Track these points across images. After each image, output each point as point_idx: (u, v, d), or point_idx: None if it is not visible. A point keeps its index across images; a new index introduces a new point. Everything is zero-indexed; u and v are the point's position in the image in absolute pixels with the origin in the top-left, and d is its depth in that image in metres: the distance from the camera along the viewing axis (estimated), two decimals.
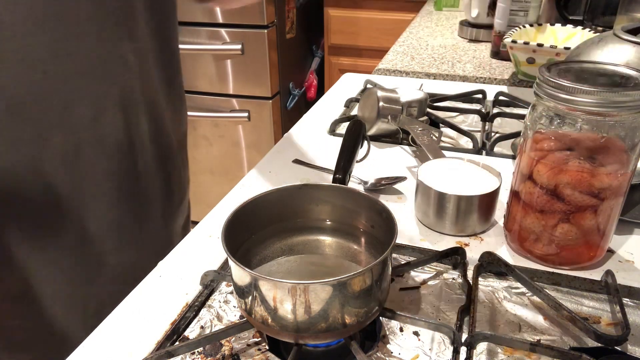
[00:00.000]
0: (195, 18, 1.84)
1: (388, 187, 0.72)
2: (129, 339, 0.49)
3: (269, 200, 0.52)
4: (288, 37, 1.98)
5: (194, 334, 0.49)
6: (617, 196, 0.52)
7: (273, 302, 0.42)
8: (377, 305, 0.45)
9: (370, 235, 0.52)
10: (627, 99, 0.46)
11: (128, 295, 0.54)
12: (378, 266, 0.42)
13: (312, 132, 0.90)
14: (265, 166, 0.79)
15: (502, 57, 1.27)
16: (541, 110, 0.52)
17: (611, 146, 0.50)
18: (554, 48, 1.03)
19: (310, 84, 2.23)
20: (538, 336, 0.48)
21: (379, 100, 0.82)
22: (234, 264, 0.42)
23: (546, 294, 0.49)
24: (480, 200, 0.60)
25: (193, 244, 0.62)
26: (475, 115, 0.94)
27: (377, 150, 0.83)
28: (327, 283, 0.40)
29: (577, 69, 0.53)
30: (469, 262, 0.56)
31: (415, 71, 1.21)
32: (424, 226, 0.64)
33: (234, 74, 1.91)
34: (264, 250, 0.51)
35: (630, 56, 0.70)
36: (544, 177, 0.52)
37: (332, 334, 0.43)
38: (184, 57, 0.76)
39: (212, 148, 2.08)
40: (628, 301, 0.52)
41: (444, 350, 0.47)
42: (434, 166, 0.67)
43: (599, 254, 0.56)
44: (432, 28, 1.59)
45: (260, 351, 0.47)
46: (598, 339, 0.45)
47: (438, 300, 0.53)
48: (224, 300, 0.53)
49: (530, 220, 0.55)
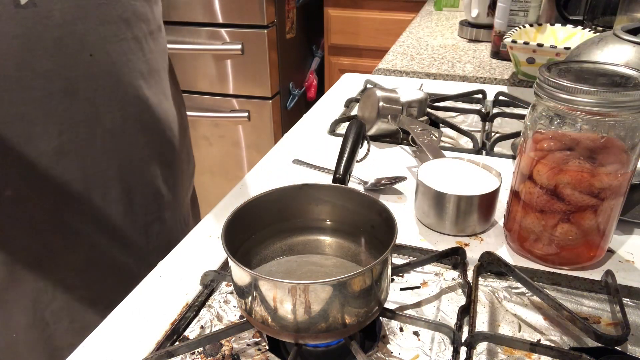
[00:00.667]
0: (195, 18, 1.84)
1: (388, 187, 0.72)
2: (129, 339, 0.49)
3: (269, 200, 0.52)
4: (288, 37, 1.98)
5: (194, 334, 0.49)
6: (617, 196, 0.52)
7: (273, 302, 0.41)
8: (377, 305, 0.45)
9: (370, 235, 0.52)
10: (627, 99, 0.46)
11: (128, 295, 0.54)
12: (378, 266, 0.42)
13: (312, 132, 0.90)
14: (265, 166, 0.79)
15: (502, 57, 1.27)
16: (541, 110, 0.52)
17: (611, 146, 0.50)
18: (554, 48, 1.03)
19: (310, 84, 2.23)
20: (538, 336, 0.48)
21: (379, 100, 0.82)
22: (234, 264, 0.42)
23: (546, 294, 0.49)
24: (480, 200, 0.60)
25: (193, 244, 0.62)
26: (475, 115, 0.94)
27: (377, 150, 0.83)
28: (327, 283, 0.40)
29: (577, 69, 0.53)
30: (469, 262, 0.56)
31: (415, 71, 1.21)
32: (424, 226, 0.64)
33: (234, 74, 1.91)
34: (264, 250, 0.51)
35: (630, 56, 0.70)
36: (544, 177, 0.52)
37: (332, 334, 0.43)
38: (184, 57, 0.78)
39: (212, 148, 2.08)
40: (628, 301, 0.52)
41: (444, 350, 0.47)
42: (434, 166, 0.67)
43: (599, 254, 0.56)
44: (432, 28, 1.58)
45: (260, 351, 0.47)
46: (598, 339, 0.45)
47: (438, 300, 0.53)
48: (224, 300, 0.53)
49: (530, 220, 0.55)
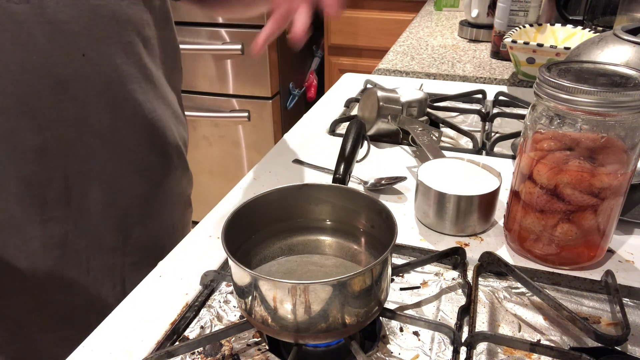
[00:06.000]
0: (195, 18, 1.84)
1: (388, 187, 0.72)
2: (129, 339, 0.49)
3: (269, 200, 0.52)
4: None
5: (194, 334, 0.49)
6: (617, 196, 0.52)
7: (273, 302, 0.41)
8: (377, 305, 0.45)
9: (370, 235, 0.52)
10: (627, 99, 0.46)
11: (128, 295, 0.54)
12: (378, 266, 0.42)
13: (312, 132, 0.90)
14: (265, 166, 0.79)
15: (502, 57, 1.27)
16: (541, 110, 0.52)
17: (611, 146, 0.50)
18: (554, 48, 1.03)
19: (310, 84, 2.23)
20: (538, 336, 0.48)
21: (379, 100, 0.82)
22: (234, 264, 0.42)
23: (546, 294, 0.49)
24: (480, 200, 0.60)
25: (193, 244, 0.62)
26: (475, 115, 0.94)
27: (377, 150, 0.83)
28: (327, 283, 0.40)
29: (577, 69, 0.53)
30: (469, 262, 0.56)
31: (415, 71, 1.21)
32: (424, 226, 0.64)
33: (234, 74, 1.91)
34: (264, 250, 0.51)
35: (630, 56, 0.70)
36: (544, 177, 0.52)
37: (332, 334, 0.43)
38: (184, 57, 0.76)
39: (212, 148, 2.08)
40: (628, 301, 0.52)
41: (444, 350, 0.47)
42: (434, 166, 0.67)
43: (599, 254, 0.56)
44: (432, 28, 1.58)
45: (260, 351, 0.47)
46: (598, 339, 0.45)
47: (438, 300, 0.53)
48: (224, 300, 0.53)
49: (530, 220, 0.55)
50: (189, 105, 1.95)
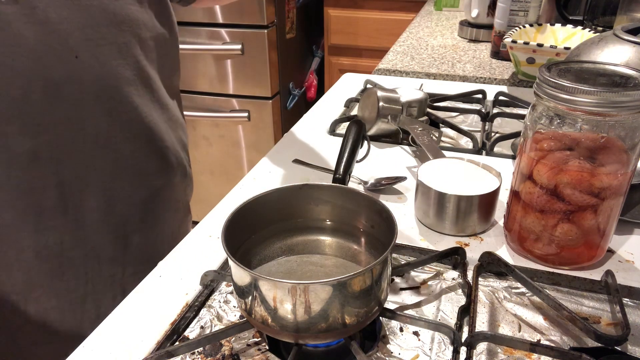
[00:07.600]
0: (195, 18, 1.84)
1: (388, 187, 0.72)
2: (129, 339, 0.49)
3: (269, 200, 0.52)
4: (288, 37, 1.98)
5: (194, 334, 0.49)
6: (617, 196, 0.52)
7: (273, 302, 0.41)
8: (377, 305, 0.45)
9: (370, 235, 0.52)
10: (627, 99, 0.46)
11: (128, 295, 0.54)
12: (378, 266, 0.42)
13: (312, 132, 0.90)
14: (265, 166, 0.79)
15: (502, 57, 1.27)
16: (541, 110, 0.52)
17: (611, 146, 0.50)
18: (554, 48, 1.03)
19: (310, 84, 2.23)
20: (538, 336, 0.48)
21: (379, 100, 0.82)
22: (234, 264, 0.42)
23: (546, 294, 0.49)
24: (480, 200, 0.60)
25: (193, 244, 0.62)
26: (475, 115, 0.94)
27: (377, 150, 0.83)
28: (327, 283, 0.40)
29: (577, 69, 0.53)
30: (469, 262, 0.56)
31: (415, 71, 1.21)
32: (424, 226, 0.64)
33: (234, 74, 1.91)
34: (264, 250, 0.51)
35: (630, 56, 0.70)
36: (544, 177, 0.52)
37: (332, 334, 0.43)
38: (184, 57, 0.75)
39: (212, 148, 2.08)
40: (628, 301, 0.52)
41: (444, 350, 0.47)
42: (434, 166, 0.67)
43: (599, 254, 0.56)
44: (432, 28, 1.58)
45: (260, 351, 0.47)
46: (598, 339, 0.45)
47: (438, 300, 0.53)
48: (224, 300, 0.53)
49: (530, 220, 0.55)
50: (189, 105, 1.95)
